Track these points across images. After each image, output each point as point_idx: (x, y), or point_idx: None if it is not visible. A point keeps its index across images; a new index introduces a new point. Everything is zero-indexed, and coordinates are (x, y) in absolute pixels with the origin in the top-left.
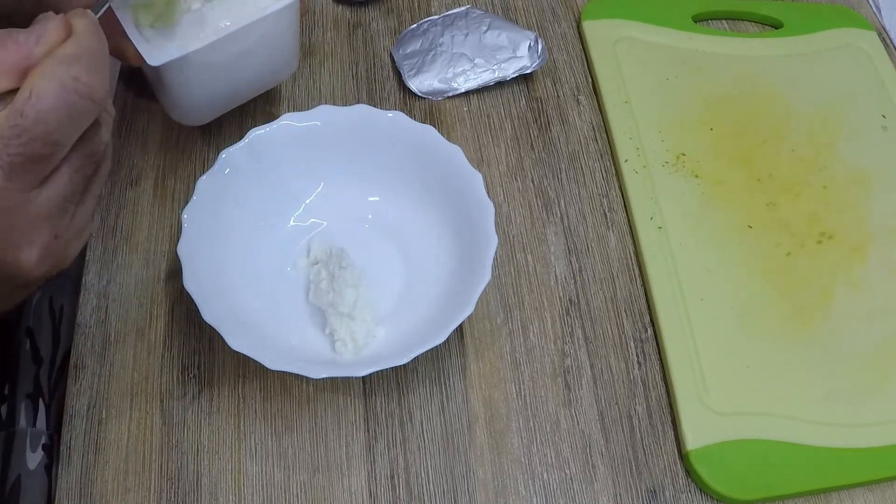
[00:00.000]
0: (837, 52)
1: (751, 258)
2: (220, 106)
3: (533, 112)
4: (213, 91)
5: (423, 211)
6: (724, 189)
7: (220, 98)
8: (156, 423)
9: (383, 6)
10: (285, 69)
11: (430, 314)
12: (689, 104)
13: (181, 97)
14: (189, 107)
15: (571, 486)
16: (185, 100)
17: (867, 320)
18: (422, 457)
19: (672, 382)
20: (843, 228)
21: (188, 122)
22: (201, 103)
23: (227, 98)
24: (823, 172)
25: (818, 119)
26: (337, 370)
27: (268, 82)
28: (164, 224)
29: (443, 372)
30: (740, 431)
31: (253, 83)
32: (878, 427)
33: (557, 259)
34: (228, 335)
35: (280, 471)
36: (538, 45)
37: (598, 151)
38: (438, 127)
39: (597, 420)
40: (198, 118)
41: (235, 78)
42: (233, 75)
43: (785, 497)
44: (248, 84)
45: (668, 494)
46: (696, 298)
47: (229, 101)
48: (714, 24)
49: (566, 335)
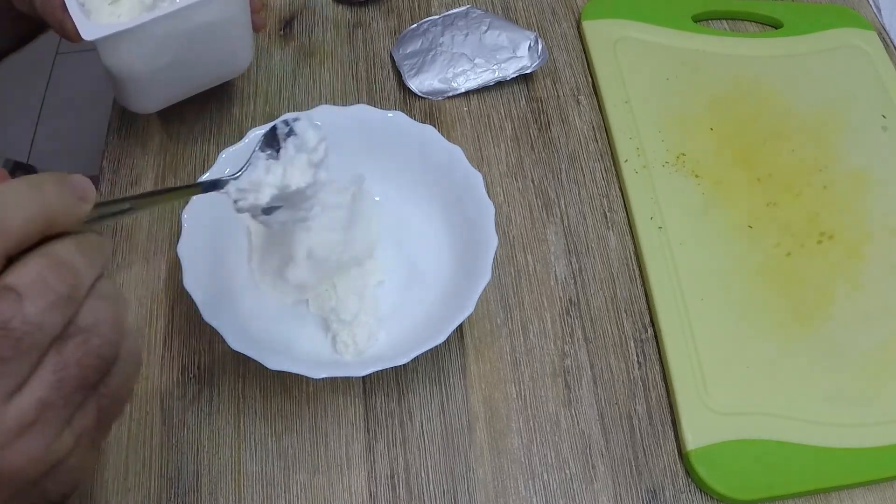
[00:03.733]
0: (837, 52)
1: (751, 258)
2: (168, 92)
3: (533, 112)
4: (155, 75)
5: (424, 211)
6: (724, 189)
7: (164, 83)
8: (156, 423)
9: (383, 6)
10: (239, 60)
11: (430, 314)
12: (689, 104)
13: (126, 81)
14: (136, 92)
15: (571, 486)
16: (130, 84)
17: (867, 320)
18: (422, 457)
19: (672, 382)
20: (843, 228)
21: (136, 107)
22: (148, 88)
23: (177, 85)
24: (823, 172)
25: (818, 119)
26: (337, 370)
27: (221, 73)
28: (164, 224)
29: (443, 372)
30: (740, 431)
31: (202, 71)
32: (878, 427)
33: (557, 259)
34: (228, 335)
35: (280, 471)
36: (538, 45)
37: (598, 151)
38: (438, 127)
39: (597, 420)
40: (147, 105)
41: (180, 63)
42: (177, 60)
43: (785, 497)
44: (195, 71)
45: (668, 494)
46: (696, 298)
47: (177, 88)
48: (714, 24)
49: (566, 335)
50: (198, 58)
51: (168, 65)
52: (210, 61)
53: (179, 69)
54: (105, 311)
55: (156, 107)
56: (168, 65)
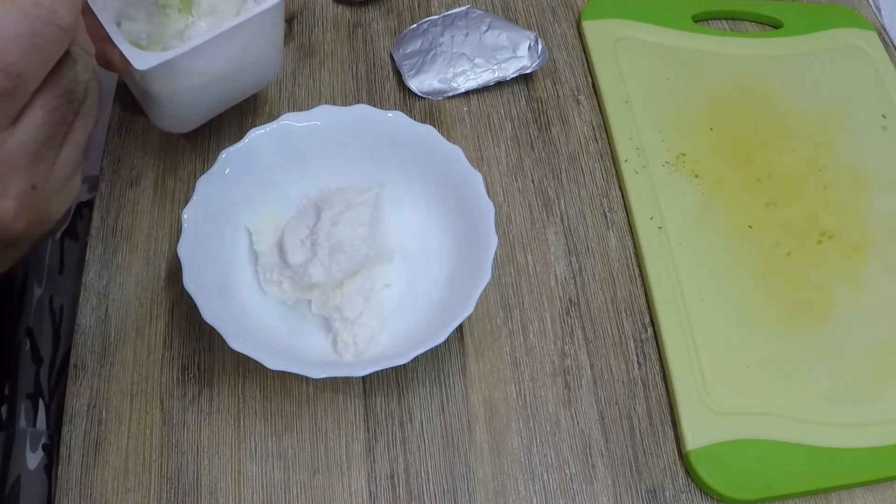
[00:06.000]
0: (837, 52)
1: (751, 258)
2: (207, 112)
3: (533, 112)
4: (199, 96)
5: (423, 211)
6: (724, 189)
7: (206, 103)
8: (156, 423)
9: (383, 6)
10: (270, 73)
11: (430, 314)
12: (689, 104)
13: (167, 105)
14: (175, 114)
15: (571, 486)
16: (171, 107)
17: (867, 320)
18: (422, 457)
19: (672, 382)
20: (843, 228)
21: (175, 129)
22: (187, 110)
23: (213, 103)
24: (823, 172)
25: (818, 119)
26: (337, 370)
27: (253, 86)
28: (164, 224)
29: (443, 372)
30: (740, 431)
31: (237, 88)
32: (878, 427)
33: (557, 259)
34: (228, 335)
35: (280, 471)
36: (538, 45)
37: (598, 151)
38: (438, 127)
39: (597, 420)
40: (184, 125)
41: (220, 82)
42: (217, 80)
43: (785, 497)
44: (232, 89)
45: (668, 494)
46: (696, 298)
47: (215, 106)
48: (714, 24)
49: (566, 335)
50: (240, 71)
51: (212, 82)
52: (248, 73)
53: (221, 85)
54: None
55: (194, 125)
56: (212, 82)
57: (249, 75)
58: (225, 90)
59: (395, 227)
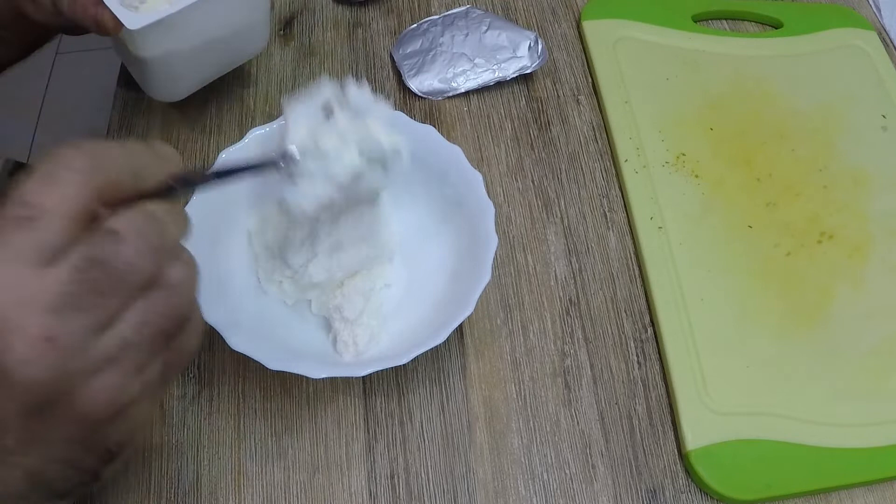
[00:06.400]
0: (837, 52)
1: (751, 258)
2: (197, 79)
3: (533, 112)
4: (189, 61)
5: (423, 211)
6: (724, 189)
7: (196, 70)
8: (156, 423)
9: (383, 6)
10: (259, 39)
11: (430, 314)
12: (689, 104)
13: (159, 71)
14: (167, 81)
15: (571, 486)
16: (162, 73)
17: (867, 320)
18: (422, 457)
19: (672, 382)
20: (843, 228)
21: (167, 98)
22: (178, 75)
23: (203, 70)
24: (823, 172)
25: (818, 119)
26: (337, 370)
27: (242, 54)
28: None
29: (443, 372)
30: (740, 431)
31: (227, 55)
32: (878, 427)
33: (557, 259)
34: (228, 335)
35: (280, 471)
36: (538, 45)
37: (598, 151)
38: (438, 127)
39: (597, 420)
40: (176, 92)
41: (210, 47)
42: (207, 43)
43: (785, 497)
44: (221, 55)
45: (668, 494)
46: (696, 298)
47: (205, 73)
48: (714, 24)
49: (566, 335)
50: (228, 37)
51: (200, 48)
52: (236, 40)
53: (209, 52)
54: (187, 274)
55: (184, 93)
56: (200, 48)
57: (238, 41)
58: (214, 56)
59: (395, 227)
